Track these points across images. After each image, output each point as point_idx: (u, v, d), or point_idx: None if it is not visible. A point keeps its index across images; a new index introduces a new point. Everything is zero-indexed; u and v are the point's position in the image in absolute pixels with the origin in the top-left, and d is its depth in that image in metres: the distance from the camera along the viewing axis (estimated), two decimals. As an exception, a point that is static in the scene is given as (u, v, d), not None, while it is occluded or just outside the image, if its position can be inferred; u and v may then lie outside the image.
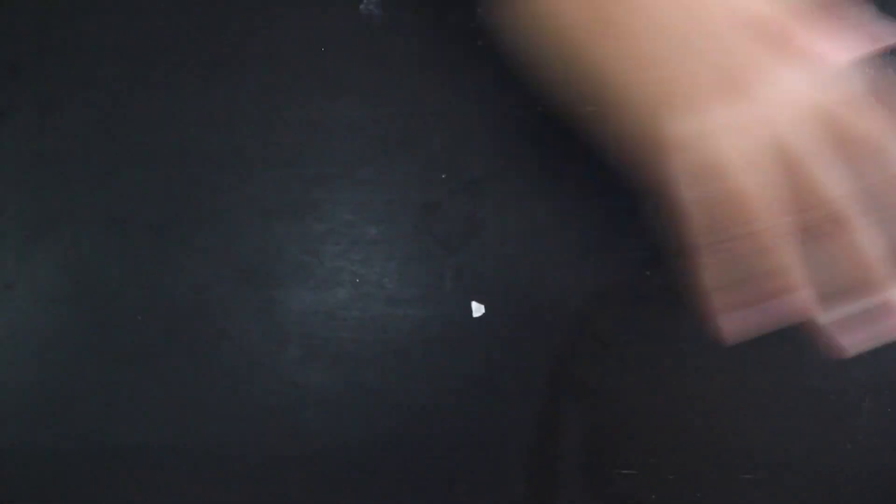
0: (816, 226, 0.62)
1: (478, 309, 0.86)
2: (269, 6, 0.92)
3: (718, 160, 0.63)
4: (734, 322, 0.70)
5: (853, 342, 0.69)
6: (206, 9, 0.93)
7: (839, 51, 0.61)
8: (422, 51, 0.92)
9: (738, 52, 0.62)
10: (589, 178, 0.88)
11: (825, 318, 0.68)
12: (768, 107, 0.61)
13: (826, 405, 0.85)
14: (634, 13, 0.66)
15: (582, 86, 0.76)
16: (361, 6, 0.91)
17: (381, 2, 0.91)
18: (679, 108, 0.65)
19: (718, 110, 0.62)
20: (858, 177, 0.61)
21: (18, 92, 0.93)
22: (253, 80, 0.93)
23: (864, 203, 0.61)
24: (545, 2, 0.74)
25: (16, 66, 0.94)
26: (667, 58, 0.65)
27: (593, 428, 0.86)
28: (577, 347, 0.86)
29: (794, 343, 0.85)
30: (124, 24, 0.94)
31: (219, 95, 0.93)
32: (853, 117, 0.60)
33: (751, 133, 0.62)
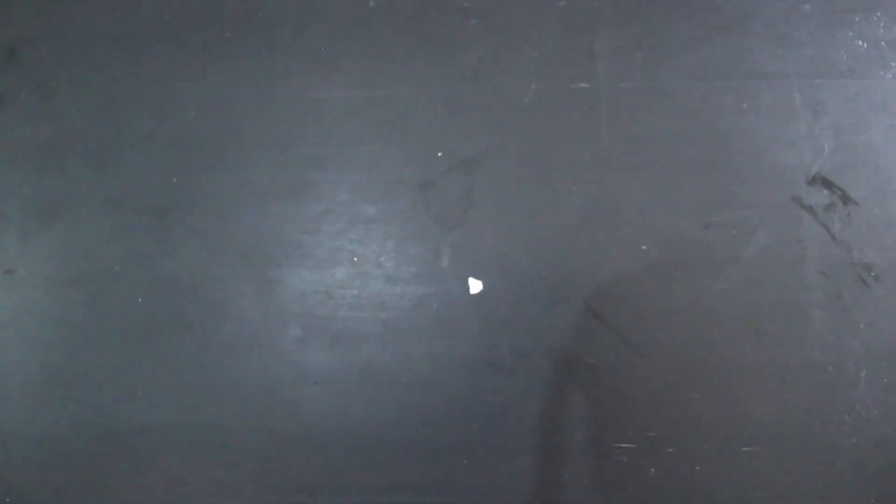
0: None
1: (475, 285, 0.87)
2: (263, -13, 0.93)
3: None
4: None
5: None
6: (202, -8, 0.94)
7: None
8: (416, 31, 0.92)
9: None
10: (583, 154, 0.88)
11: None
12: None
13: (823, 377, 0.85)
14: None
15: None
16: (355, -14, 0.92)
17: (375, -19, 0.92)
18: None
19: None
20: None
21: (17, 77, 0.94)
22: (249, 63, 0.93)
23: None
24: None
25: (14, 51, 0.94)
26: None
27: (592, 403, 0.86)
28: (574, 323, 0.86)
29: (792, 315, 0.86)
30: (122, 10, 0.95)
31: (215, 79, 0.93)
32: None
33: None
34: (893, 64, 0.88)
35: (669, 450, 0.85)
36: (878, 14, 0.89)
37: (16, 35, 0.94)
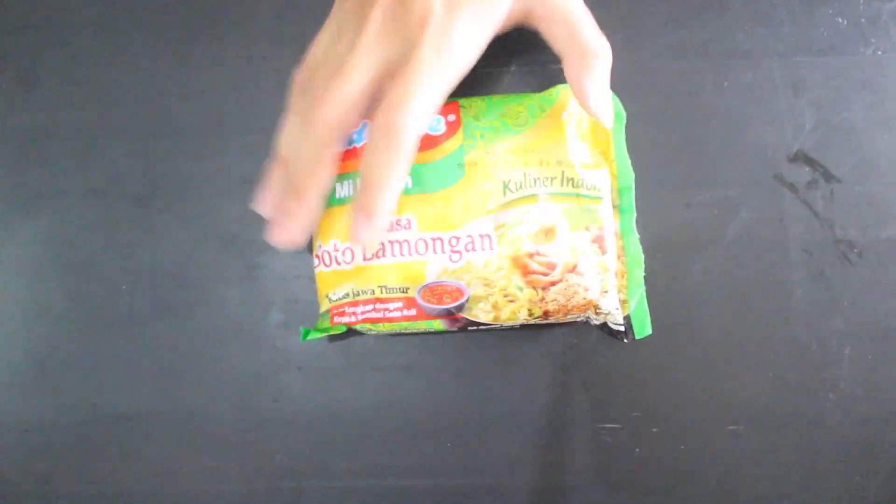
0: None
1: (457, 268, 0.86)
2: (241, -28, 0.93)
3: None
4: None
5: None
6: (181, -21, 0.94)
7: None
8: (396, 15, 0.92)
9: None
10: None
11: None
12: None
13: (807, 356, 0.85)
14: None
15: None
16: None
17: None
18: None
19: None
20: None
21: (-3, 66, 0.94)
22: (230, 51, 0.93)
23: None
24: None
25: (-6, 40, 0.94)
26: None
27: (576, 383, 0.86)
28: (556, 304, 0.86)
29: (775, 293, 0.85)
30: (102, -1, 0.95)
31: (197, 67, 0.93)
32: None
33: None
34: (874, 41, 0.88)
35: (654, 430, 0.85)
36: (858, -9, 0.89)
37: (-5, 24, 0.94)
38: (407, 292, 0.76)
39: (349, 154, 0.80)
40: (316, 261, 0.81)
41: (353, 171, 0.79)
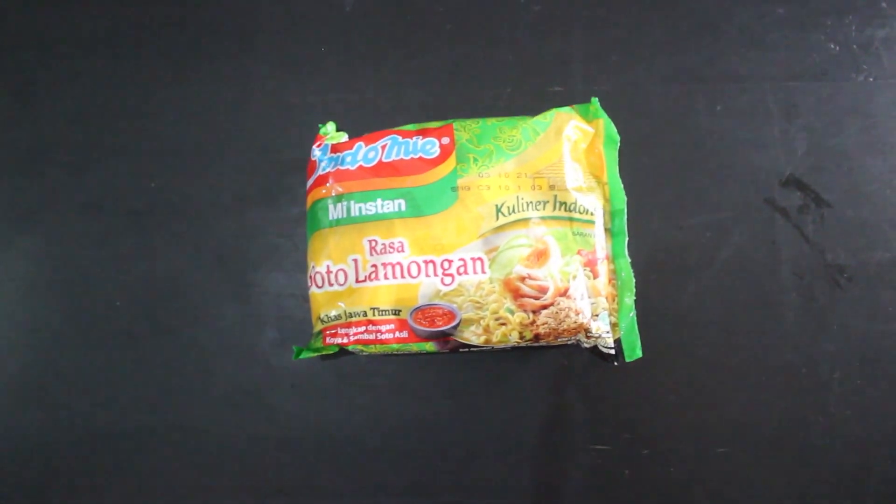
0: None
1: (450, 288, 0.87)
2: (238, -7, 0.94)
3: None
4: None
5: None
6: (181, 0, 0.94)
7: None
8: (391, 35, 0.93)
9: None
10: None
11: None
12: None
13: (797, 379, 0.86)
14: None
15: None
16: (329, -9, 0.93)
17: (349, -14, 0.92)
18: None
19: None
20: None
21: (-5, 82, 0.94)
22: (227, 68, 0.94)
23: None
24: None
25: (-8, 57, 0.95)
26: None
27: (566, 405, 0.86)
28: (548, 325, 0.86)
29: (765, 317, 0.86)
30: (101, 15, 0.95)
31: (194, 84, 0.94)
32: None
33: None
34: (866, 67, 0.89)
35: (644, 451, 0.86)
36: (850, 17, 0.89)
37: (-7, 41, 0.95)
38: (399, 314, 0.76)
39: (342, 175, 0.80)
40: (309, 282, 0.82)
41: (347, 192, 0.79)
